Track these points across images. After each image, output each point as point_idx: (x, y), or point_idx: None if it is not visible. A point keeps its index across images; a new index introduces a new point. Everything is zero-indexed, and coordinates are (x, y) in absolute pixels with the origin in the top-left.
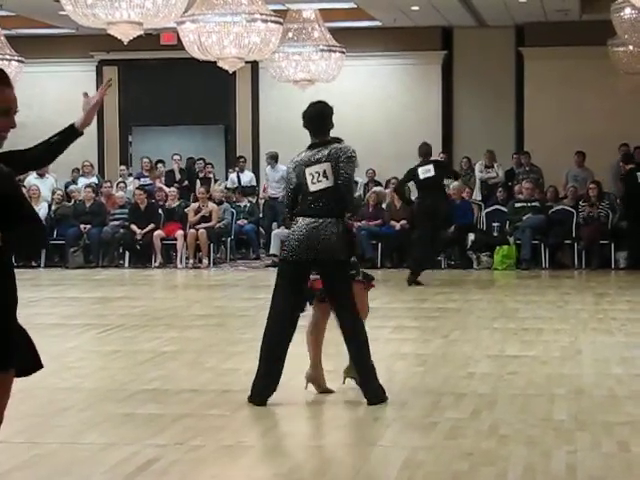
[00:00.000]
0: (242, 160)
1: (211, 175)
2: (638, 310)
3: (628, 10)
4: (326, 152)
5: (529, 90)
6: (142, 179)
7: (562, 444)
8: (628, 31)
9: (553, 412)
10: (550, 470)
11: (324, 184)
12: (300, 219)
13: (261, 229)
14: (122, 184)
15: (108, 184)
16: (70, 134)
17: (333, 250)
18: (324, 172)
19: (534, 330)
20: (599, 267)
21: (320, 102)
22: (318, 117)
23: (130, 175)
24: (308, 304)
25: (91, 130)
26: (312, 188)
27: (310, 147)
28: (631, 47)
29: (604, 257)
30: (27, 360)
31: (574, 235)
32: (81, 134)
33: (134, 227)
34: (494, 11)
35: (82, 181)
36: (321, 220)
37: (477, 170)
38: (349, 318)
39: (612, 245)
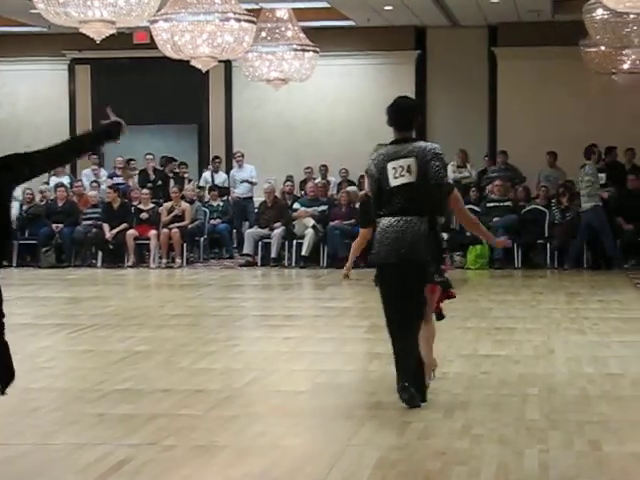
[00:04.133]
0: (218, 160)
1: (185, 175)
2: (610, 309)
3: (600, 11)
4: (410, 147)
5: (502, 90)
6: (115, 178)
7: (535, 443)
8: (600, 32)
9: (526, 411)
10: (523, 469)
11: (406, 179)
12: (383, 220)
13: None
14: (95, 183)
15: (80, 183)
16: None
17: (416, 252)
18: (408, 167)
19: (507, 329)
20: (571, 267)
21: (406, 97)
22: (403, 112)
23: (101, 166)
24: None
25: (62, 129)
26: (393, 183)
27: (393, 142)
28: (603, 47)
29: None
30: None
31: (547, 235)
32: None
33: (105, 227)
34: (467, 11)
35: (54, 180)
36: (405, 219)
37: (450, 170)
38: (411, 319)
39: (584, 245)
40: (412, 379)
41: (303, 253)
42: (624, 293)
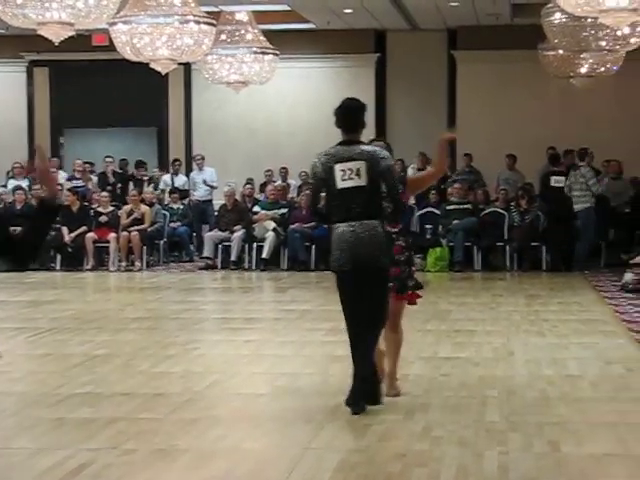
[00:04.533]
0: (177, 163)
1: (145, 178)
2: (569, 311)
3: (558, 15)
4: (359, 150)
5: (462, 93)
6: (74, 181)
7: (494, 445)
8: (558, 35)
9: (485, 413)
10: (482, 471)
11: (355, 182)
12: (340, 225)
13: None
14: (58, 186)
15: (38, 186)
16: (41, 209)
17: (376, 257)
18: (357, 170)
19: (467, 332)
20: (530, 269)
21: (354, 99)
22: (351, 113)
23: (60, 168)
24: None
25: (21, 132)
26: (341, 185)
27: (341, 144)
28: (561, 51)
29: (535, 259)
30: None
31: (506, 237)
32: (55, 206)
33: (64, 230)
34: (427, 14)
35: (12, 183)
36: (362, 224)
37: (410, 173)
38: (372, 324)
39: (543, 247)
40: (365, 388)
41: (264, 256)
42: (583, 295)
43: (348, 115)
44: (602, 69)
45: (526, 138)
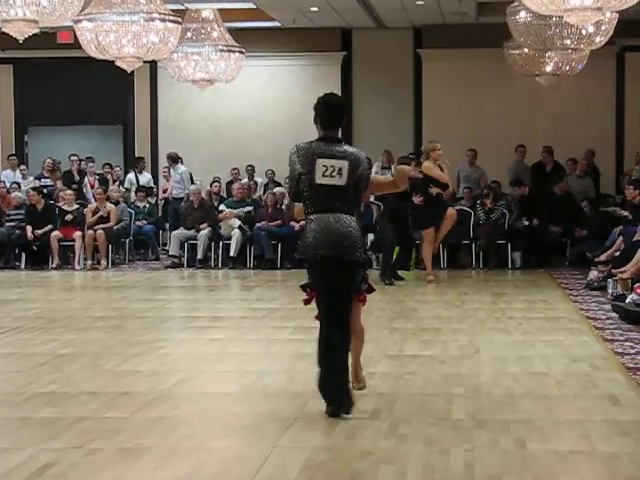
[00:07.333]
0: (142, 161)
1: (109, 176)
2: (534, 309)
3: (523, 13)
4: (342, 149)
5: (427, 91)
6: (42, 180)
7: (460, 442)
8: (523, 34)
9: (451, 411)
10: (448, 468)
11: (336, 181)
12: (314, 217)
13: (163, 230)
14: (15, 184)
15: (2, 184)
16: None
17: (353, 248)
18: (339, 169)
19: (433, 330)
20: (496, 267)
21: (335, 94)
22: (334, 109)
23: (30, 175)
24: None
25: None
26: (320, 181)
27: (322, 139)
28: (526, 50)
29: (501, 257)
30: None
31: (472, 235)
32: None
33: (29, 228)
34: (392, 13)
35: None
36: (338, 217)
37: (374, 171)
38: (342, 323)
39: (509, 245)
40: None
41: (231, 254)
42: (548, 292)
43: (330, 110)
44: (567, 67)
45: (492, 136)
